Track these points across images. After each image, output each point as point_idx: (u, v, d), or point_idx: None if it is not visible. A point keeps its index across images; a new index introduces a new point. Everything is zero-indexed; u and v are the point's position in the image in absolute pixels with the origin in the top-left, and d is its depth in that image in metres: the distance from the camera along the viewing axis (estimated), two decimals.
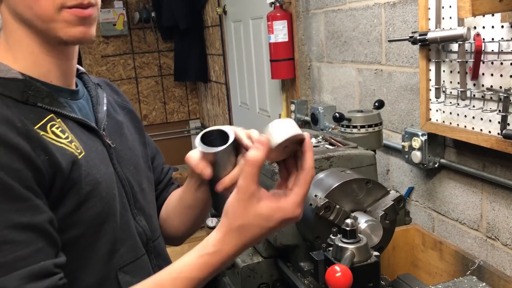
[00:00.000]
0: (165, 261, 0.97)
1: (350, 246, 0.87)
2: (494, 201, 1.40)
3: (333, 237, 0.95)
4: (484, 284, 1.02)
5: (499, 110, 1.22)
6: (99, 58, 4.19)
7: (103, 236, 0.82)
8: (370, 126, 1.45)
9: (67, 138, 0.79)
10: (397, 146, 1.74)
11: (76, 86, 0.91)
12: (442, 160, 1.54)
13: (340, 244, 0.88)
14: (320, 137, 1.45)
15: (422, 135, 1.53)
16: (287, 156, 0.76)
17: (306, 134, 0.75)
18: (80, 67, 0.96)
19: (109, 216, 0.83)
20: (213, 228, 2.72)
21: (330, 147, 1.35)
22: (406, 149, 1.61)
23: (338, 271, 0.72)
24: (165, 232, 1.07)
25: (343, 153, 1.28)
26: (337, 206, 1.07)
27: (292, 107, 2.42)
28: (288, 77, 2.48)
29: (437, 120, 1.45)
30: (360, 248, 0.88)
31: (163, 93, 4.48)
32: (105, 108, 0.92)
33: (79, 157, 0.79)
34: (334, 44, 2.12)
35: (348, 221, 0.89)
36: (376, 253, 0.93)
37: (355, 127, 1.45)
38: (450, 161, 1.52)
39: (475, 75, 1.24)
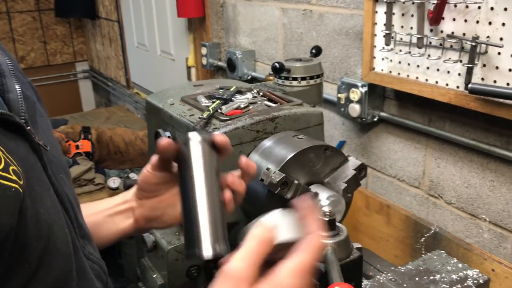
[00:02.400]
0: None
1: (329, 241, 0.69)
2: (440, 157, 1.30)
3: None
4: (455, 260, 0.91)
5: (461, 61, 1.08)
6: None
7: None
8: (311, 77, 1.25)
9: None
10: (329, 98, 1.57)
11: None
12: (382, 114, 1.41)
13: None
14: (255, 91, 1.22)
15: (363, 86, 1.37)
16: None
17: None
18: None
19: (68, 274, 0.53)
20: (115, 189, 2.41)
21: (272, 104, 1.13)
22: (342, 102, 1.45)
23: None
24: None
25: (289, 112, 1.07)
26: (295, 182, 0.87)
27: (203, 50, 2.14)
28: (196, 15, 2.17)
29: (382, 70, 1.29)
30: (341, 242, 0.70)
31: (42, 31, 3.88)
32: (14, 80, 0.56)
33: (22, 191, 0.45)
34: None
35: (326, 209, 0.70)
36: (357, 244, 0.76)
37: (295, 79, 1.24)
38: (391, 115, 1.40)
39: (437, 20, 1.08)
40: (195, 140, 0.64)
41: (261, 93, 1.21)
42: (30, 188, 0.47)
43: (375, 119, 1.42)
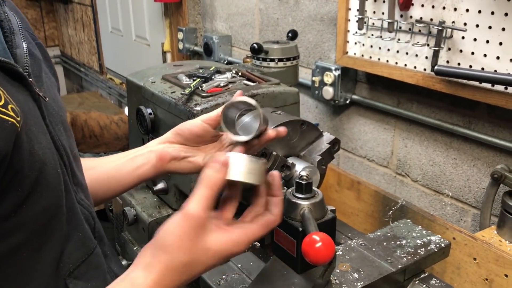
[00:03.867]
0: (107, 245, 0.75)
1: (305, 203, 0.75)
2: (407, 138, 1.38)
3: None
4: (420, 227, 0.98)
5: (428, 44, 1.16)
6: None
7: (51, 238, 0.58)
8: (288, 59, 1.30)
9: None
10: (303, 81, 1.63)
11: None
12: (354, 96, 1.48)
13: (294, 200, 0.75)
14: (234, 71, 1.27)
15: (336, 69, 1.44)
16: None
17: (276, 174, 0.67)
18: None
19: (58, 208, 0.59)
20: None
21: (250, 83, 1.18)
22: (317, 85, 1.51)
23: (318, 241, 0.59)
24: None
25: (267, 90, 1.13)
26: (274, 153, 0.92)
27: (180, 35, 2.17)
28: (173, 0, 2.19)
29: (355, 53, 1.36)
30: (316, 204, 0.76)
31: None
32: (22, 38, 0.61)
33: (19, 128, 0.51)
34: None
35: (303, 173, 0.75)
36: (331, 207, 0.82)
37: (272, 60, 1.29)
38: (362, 97, 1.47)
39: (407, 5, 1.15)
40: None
41: (239, 73, 1.26)
42: (27, 127, 0.53)
43: (347, 102, 1.49)
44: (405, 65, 1.23)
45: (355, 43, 1.35)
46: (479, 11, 1.04)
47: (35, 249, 0.56)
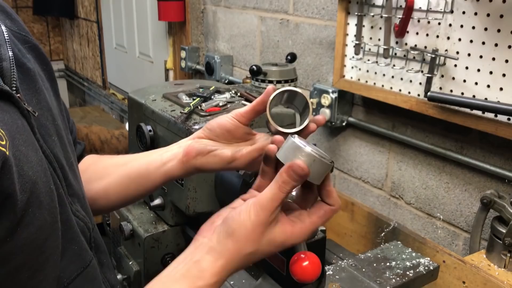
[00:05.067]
0: (104, 253, 0.76)
1: None
2: (402, 161, 1.41)
3: None
4: (410, 250, 1.00)
5: (422, 71, 1.19)
6: None
7: (49, 257, 0.58)
8: (286, 81, 1.34)
9: None
10: None
11: None
12: (350, 119, 1.51)
13: None
14: (233, 91, 1.30)
15: (333, 92, 1.47)
16: None
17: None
18: None
19: (53, 225, 0.59)
20: None
21: (248, 103, 1.21)
22: (314, 106, 1.54)
23: (305, 260, 0.61)
24: None
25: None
26: None
27: (183, 54, 2.22)
28: (177, 19, 2.25)
29: (351, 77, 1.39)
30: None
31: None
32: (8, 48, 0.59)
33: (7, 152, 0.50)
34: None
35: (293, 193, 0.78)
36: (321, 227, 0.85)
37: (270, 81, 1.32)
38: (358, 120, 1.50)
39: (402, 33, 1.19)
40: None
41: (238, 93, 1.29)
42: (15, 149, 0.53)
43: (344, 124, 1.52)
44: (400, 90, 1.26)
45: (352, 67, 1.38)
46: (471, 41, 1.08)
47: (35, 269, 0.56)
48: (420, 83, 1.21)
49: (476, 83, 1.08)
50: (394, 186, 1.45)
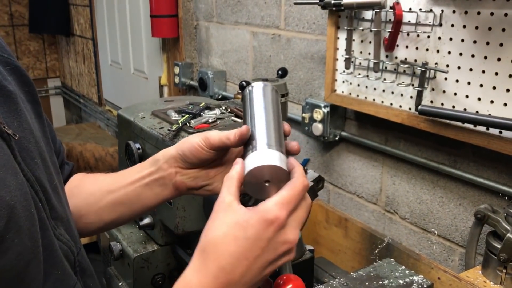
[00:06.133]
0: (91, 277, 0.74)
1: None
2: (395, 175, 1.39)
3: None
4: (403, 267, 0.98)
5: (412, 85, 1.18)
6: None
7: (30, 283, 0.57)
8: None
9: None
10: (294, 117, 1.65)
11: None
12: (343, 133, 1.50)
13: None
14: (223, 107, 1.29)
15: (325, 106, 1.46)
16: None
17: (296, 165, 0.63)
18: None
19: (35, 250, 0.57)
20: None
21: (238, 120, 1.20)
22: (306, 121, 1.53)
23: (288, 283, 0.59)
24: None
25: None
26: None
27: (176, 70, 2.21)
28: (170, 36, 2.25)
29: (343, 92, 1.38)
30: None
31: (15, 46, 3.88)
32: None
33: None
34: (225, 3, 1.94)
35: None
36: (309, 247, 0.83)
37: None
38: (351, 134, 1.48)
39: (392, 47, 1.18)
40: (257, 84, 0.69)
41: (228, 110, 1.28)
42: None
43: (337, 138, 1.51)
44: (391, 104, 1.25)
45: (343, 81, 1.37)
46: (460, 54, 1.07)
47: None
48: (411, 97, 1.19)
49: (467, 96, 1.07)
50: (389, 200, 1.43)
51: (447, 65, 1.10)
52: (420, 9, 1.12)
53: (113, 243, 1.23)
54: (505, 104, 1.00)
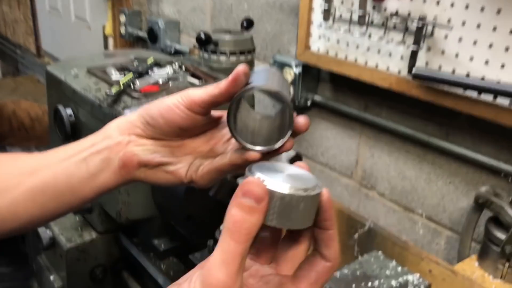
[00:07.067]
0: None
1: None
2: (374, 146, 1.22)
3: None
4: (394, 262, 0.82)
5: (404, 42, 0.99)
6: None
7: None
8: (242, 53, 1.11)
9: None
10: None
11: None
12: (316, 97, 1.30)
13: None
14: (177, 64, 1.06)
15: (297, 66, 1.25)
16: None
17: (325, 192, 0.40)
18: None
19: None
20: None
21: (195, 81, 0.98)
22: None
23: None
24: None
25: None
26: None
27: (122, 18, 1.93)
28: None
29: (318, 49, 1.18)
30: None
31: None
32: None
33: None
34: None
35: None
36: None
37: (223, 53, 1.09)
38: (325, 99, 1.29)
39: None
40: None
41: (183, 68, 1.05)
42: None
43: (308, 104, 1.31)
44: (376, 65, 1.06)
45: (319, 37, 1.16)
46: (467, 6, 0.88)
47: None
48: (402, 57, 1.01)
49: (472, 58, 0.89)
50: (365, 175, 1.26)
51: (449, 20, 0.91)
52: None
53: (41, 230, 1.01)
54: None
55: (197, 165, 0.52)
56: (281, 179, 0.38)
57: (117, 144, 0.53)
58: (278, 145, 0.46)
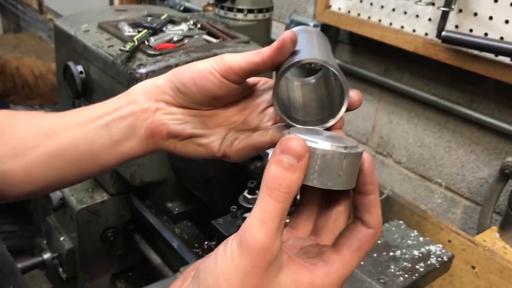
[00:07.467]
0: (9, 277, 0.48)
1: None
2: (393, 112, 1.18)
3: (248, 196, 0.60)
4: (416, 232, 0.80)
5: (433, 4, 0.94)
6: None
7: None
8: (260, 11, 1.05)
9: None
10: (275, 38, 1.39)
11: None
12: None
13: (246, 205, 0.54)
14: (191, 21, 1.01)
15: (315, 26, 1.20)
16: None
17: (367, 154, 0.39)
18: None
19: None
20: None
21: (212, 39, 0.93)
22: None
23: None
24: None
25: (234, 50, 0.88)
26: None
27: None
28: None
29: (339, 8, 1.12)
30: None
31: None
32: None
33: None
34: None
35: (252, 166, 0.54)
36: None
37: (240, 11, 1.04)
38: (343, 61, 1.25)
39: None
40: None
41: (198, 25, 1.00)
42: None
43: None
44: (402, 27, 1.01)
45: None
46: None
47: None
48: (430, 19, 0.96)
49: (507, 21, 0.84)
50: (382, 141, 1.23)
51: None
52: None
53: None
54: None
55: (231, 139, 0.48)
56: (320, 138, 0.36)
57: (143, 110, 0.49)
58: (329, 124, 0.43)
